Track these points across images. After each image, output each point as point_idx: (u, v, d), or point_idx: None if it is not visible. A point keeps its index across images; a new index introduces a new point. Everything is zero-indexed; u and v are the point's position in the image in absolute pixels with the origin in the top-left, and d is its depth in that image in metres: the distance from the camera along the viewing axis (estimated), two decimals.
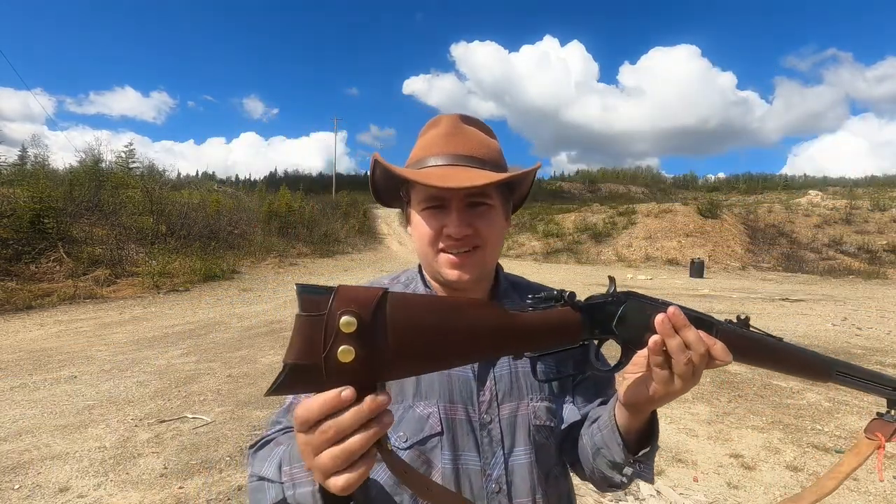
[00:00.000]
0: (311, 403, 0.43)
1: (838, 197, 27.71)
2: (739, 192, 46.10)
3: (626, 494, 2.88)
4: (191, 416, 4.06)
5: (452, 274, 0.76)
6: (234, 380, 5.01)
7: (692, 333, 0.57)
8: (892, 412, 0.76)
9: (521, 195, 0.90)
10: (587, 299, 0.59)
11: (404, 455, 0.74)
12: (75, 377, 5.10)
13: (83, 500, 2.84)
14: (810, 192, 30.29)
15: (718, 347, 0.59)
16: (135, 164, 23.08)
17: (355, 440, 0.43)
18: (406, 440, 0.75)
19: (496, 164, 0.80)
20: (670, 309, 0.57)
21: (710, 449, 3.54)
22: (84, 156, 19.97)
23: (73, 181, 16.52)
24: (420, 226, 0.78)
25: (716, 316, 0.63)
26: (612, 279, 0.63)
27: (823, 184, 49.75)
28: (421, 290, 0.86)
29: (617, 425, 0.70)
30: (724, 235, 23.36)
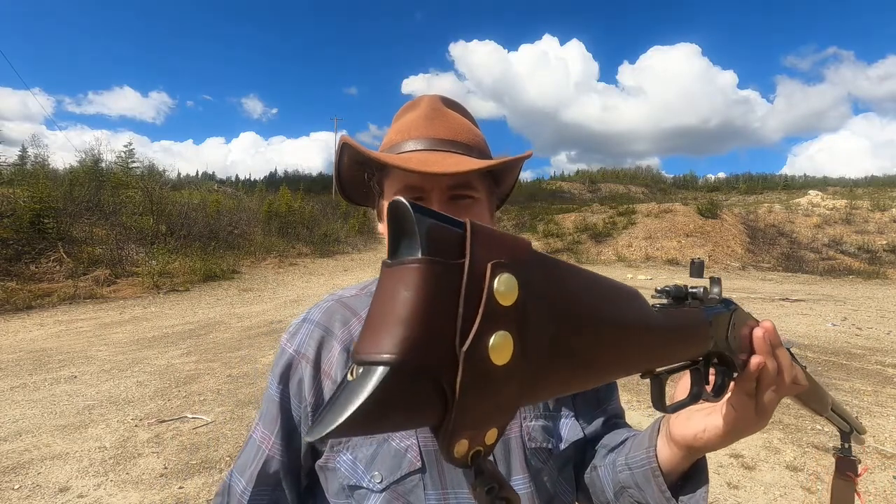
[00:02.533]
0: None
1: (838, 197, 27.75)
2: (739, 192, 46.17)
3: None
4: (191, 416, 4.06)
5: None
6: (234, 380, 5.01)
7: (786, 355, 0.47)
8: (846, 445, 0.78)
9: (505, 189, 0.79)
10: None
11: (379, 499, 0.62)
12: (75, 377, 5.10)
13: (83, 500, 2.84)
14: (810, 192, 30.32)
15: (801, 372, 0.50)
16: (134, 164, 23.16)
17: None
18: (381, 480, 0.62)
19: (482, 152, 0.71)
20: (766, 323, 0.47)
21: None
22: (84, 156, 20.05)
23: (73, 181, 16.58)
24: None
25: None
26: (716, 280, 0.47)
27: (823, 184, 49.79)
28: None
29: (659, 467, 0.58)
30: (724, 235, 23.37)
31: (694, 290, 0.42)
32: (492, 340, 0.22)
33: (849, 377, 5.25)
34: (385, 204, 0.69)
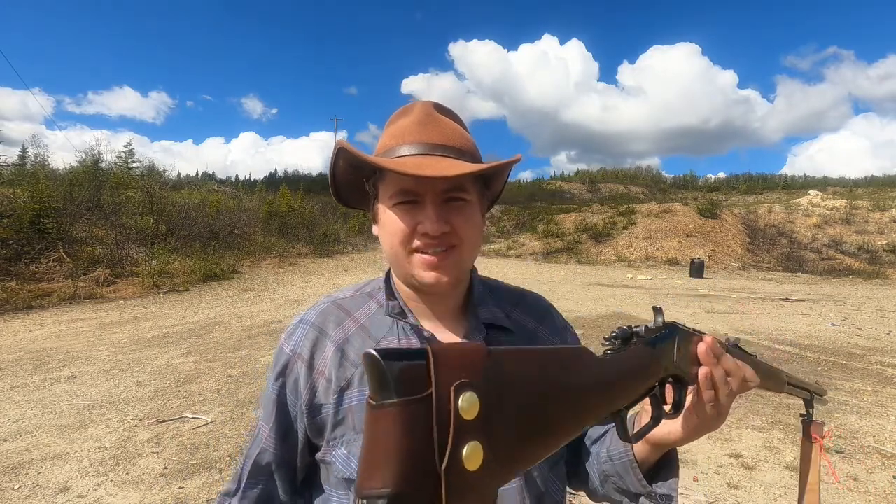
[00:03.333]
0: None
1: (838, 197, 27.76)
2: (739, 192, 46.24)
3: None
4: (191, 416, 4.06)
5: (429, 276, 0.68)
6: (234, 380, 5.01)
7: (731, 361, 0.56)
8: (810, 410, 0.86)
9: (495, 192, 0.82)
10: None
11: None
12: (75, 377, 5.10)
13: (83, 500, 2.84)
14: (810, 192, 30.33)
15: (749, 371, 0.58)
16: (134, 164, 23.15)
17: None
18: None
19: (473, 156, 0.73)
20: (707, 338, 0.55)
21: (709, 449, 3.53)
22: (84, 156, 20.01)
23: (73, 181, 16.58)
24: (391, 223, 0.70)
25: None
26: (658, 309, 0.54)
27: (823, 184, 49.84)
28: (383, 300, 0.76)
29: (636, 460, 0.67)
30: (724, 235, 23.37)
31: (637, 328, 0.49)
32: (464, 452, 0.27)
33: (849, 377, 5.25)
34: (380, 207, 0.73)
